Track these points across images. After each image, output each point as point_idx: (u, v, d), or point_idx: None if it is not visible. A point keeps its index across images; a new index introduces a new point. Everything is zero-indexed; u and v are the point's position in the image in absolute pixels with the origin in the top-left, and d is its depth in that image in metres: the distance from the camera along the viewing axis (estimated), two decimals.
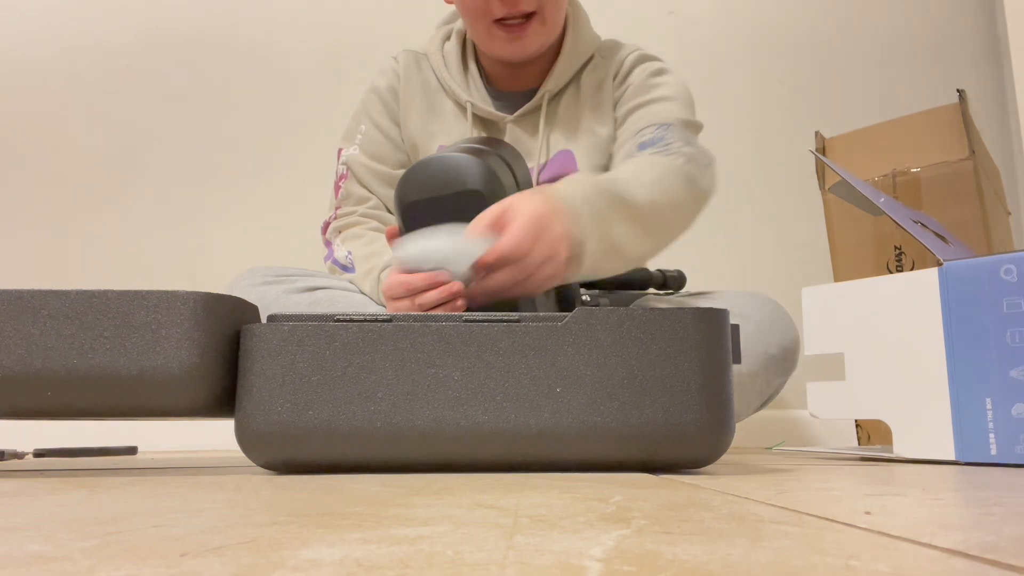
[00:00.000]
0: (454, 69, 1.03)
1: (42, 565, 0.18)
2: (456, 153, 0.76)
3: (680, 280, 1.01)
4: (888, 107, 1.56)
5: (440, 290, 0.78)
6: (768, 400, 0.95)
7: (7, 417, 0.52)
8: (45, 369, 0.50)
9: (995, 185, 1.16)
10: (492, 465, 0.52)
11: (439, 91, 1.04)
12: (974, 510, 0.30)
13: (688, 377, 0.51)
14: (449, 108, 1.03)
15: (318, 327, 0.52)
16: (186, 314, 0.52)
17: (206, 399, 0.52)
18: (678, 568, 0.18)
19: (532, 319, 0.52)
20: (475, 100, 1.00)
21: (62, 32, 1.58)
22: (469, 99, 1.00)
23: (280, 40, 1.61)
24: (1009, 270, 0.64)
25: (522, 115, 1.00)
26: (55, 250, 1.52)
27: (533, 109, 1.00)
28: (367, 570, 0.18)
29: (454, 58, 1.03)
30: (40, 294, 0.51)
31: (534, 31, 0.93)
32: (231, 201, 1.55)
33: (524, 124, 1.01)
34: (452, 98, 1.03)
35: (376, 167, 1.04)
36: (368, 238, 0.99)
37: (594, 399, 0.51)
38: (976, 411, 0.64)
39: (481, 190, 0.74)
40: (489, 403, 0.51)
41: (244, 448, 0.52)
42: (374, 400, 0.51)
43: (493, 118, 1.00)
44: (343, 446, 0.51)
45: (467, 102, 1.00)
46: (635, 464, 0.52)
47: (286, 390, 0.51)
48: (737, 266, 1.55)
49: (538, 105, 1.00)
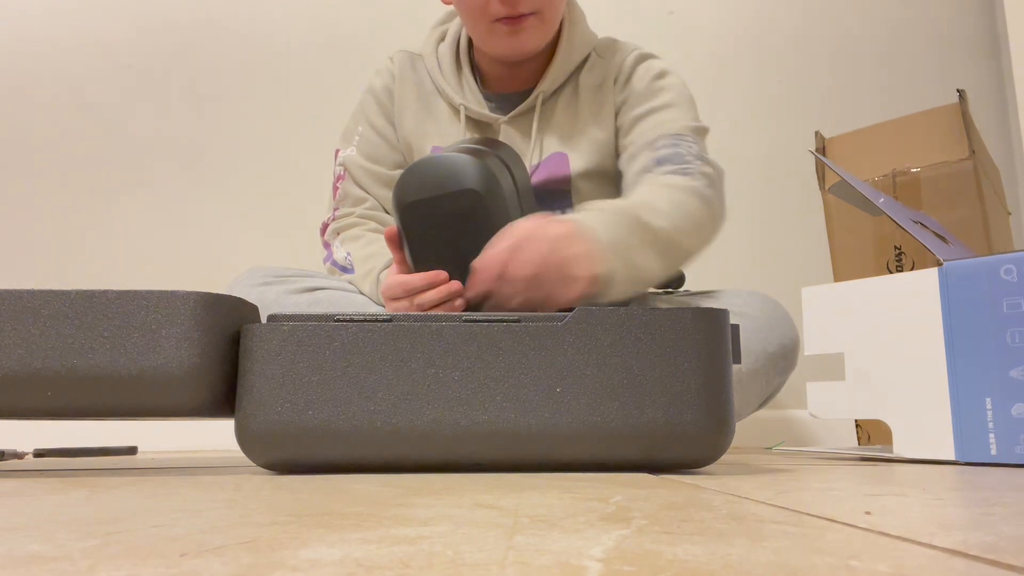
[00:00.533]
0: (448, 71, 1.03)
1: (42, 565, 0.18)
2: (454, 153, 0.76)
3: (679, 279, 1.01)
4: (888, 107, 1.56)
5: (438, 290, 0.78)
6: (768, 399, 0.95)
7: (7, 417, 0.52)
8: (45, 369, 0.50)
9: (995, 185, 1.16)
10: (493, 465, 0.52)
11: (434, 92, 1.04)
12: (974, 510, 0.30)
13: (688, 377, 0.51)
14: (443, 110, 1.03)
15: (318, 327, 0.52)
16: (186, 314, 0.51)
17: (206, 399, 0.52)
18: (678, 568, 0.18)
19: (532, 319, 0.52)
20: (468, 102, 1.00)
21: (62, 32, 1.58)
22: (463, 102, 1.00)
23: (282, 40, 1.61)
24: (1009, 270, 0.64)
25: (516, 116, 1.00)
26: (54, 250, 1.52)
27: (527, 110, 1.00)
28: (367, 570, 0.18)
29: (448, 60, 1.04)
30: (40, 294, 0.51)
31: (533, 27, 0.93)
32: (231, 201, 1.55)
33: (518, 125, 1.00)
34: (446, 100, 1.03)
35: (373, 168, 1.04)
36: (367, 239, 0.99)
37: (594, 399, 0.51)
38: (976, 411, 0.64)
39: (479, 190, 0.74)
40: (489, 403, 0.51)
41: (244, 448, 0.52)
42: (374, 400, 0.51)
43: (487, 120, 1.00)
44: (343, 446, 0.51)
45: (460, 104, 1.00)
46: (635, 464, 0.52)
47: (286, 390, 0.51)
48: (737, 266, 1.55)
49: (532, 106, 0.99)
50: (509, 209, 0.76)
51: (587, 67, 1.02)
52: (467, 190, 0.74)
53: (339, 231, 1.03)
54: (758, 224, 1.57)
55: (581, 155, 0.98)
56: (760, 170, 1.58)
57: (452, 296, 0.79)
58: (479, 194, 0.74)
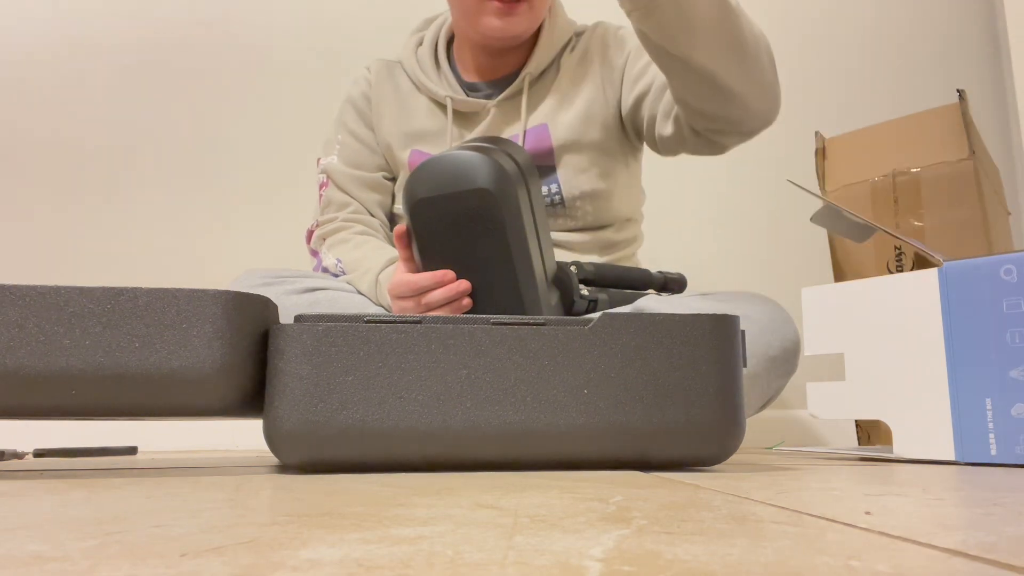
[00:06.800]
0: (428, 69, 1.05)
1: (42, 565, 0.18)
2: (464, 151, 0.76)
3: (681, 283, 1.01)
4: (888, 107, 1.56)
5: (446, 289, 0.78)
6: (768, 403, 0.95)
7: (31, 417, 0.51)
8: (70, 367, 0.49)
9: (995, 185, 1.15)
10: (524, 464, 0.53)
11: (412, 92, 1.06)
12: (974, 510, 0.30)
13: (706, 379, 0.54)
14: (423, 107, 1.04)
15: (350, 327, 0.52)
16: (217, 312, 0.51)
17: (235, 399, 0.52)
18: (678, 568, 0.18)
19: (558, 322, 0.54)
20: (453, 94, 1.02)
21: (62, 32, 1.58)
22: (448, 94, 1.01)
23: (282, 42, 1.61)
24: (1009, 270, 0.64)
25: (504, 100, 1.01)
26: (51, 250, 1.52)
27: (515, 93, 1.01)
28: (367, 570, 0.18)
29: (428, 60, 1.06)
30: (65, 290, 0.50)
31: (523, 13, 0.96)
32: (228, 203, 1.55)
33: (505, 108, 1.02)
34: (427, 94, 1.04)
35: (355, 173, 1.06)
36: (355, 242, 1.00)
37: (619, 400, 0.53)
38: (976, 411, 0.64)
39: (491, 189, 0.74)
40: (521, 404, 0.52)
41: (274, 448, 0.51)
42: (408, 400, 0.51)
43: (474, 108, 1.01)
44: (377, 446, 0.51)
45: (447, 97, 1.01)
46: (656, 462, 0.54)
47: (320, 390, 0.51)
48: (737, 266, 1.55)
49: (519, 89, 1.01)
50: (520, 209, 0.76)
51: (569, 49, 1.05)
52: (479, 189, 0.74)
53: (324, 236, 1.04)
54: (758, 224, 1.57)
55: (565, 126, 0.99)
56: (760, 170, 1.58)
57: (459, 295, 0.79)
58: (491, 193, 0.74)
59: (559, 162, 0.99)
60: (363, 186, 1.05)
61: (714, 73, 0.78)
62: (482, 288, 0.79)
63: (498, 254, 0.77)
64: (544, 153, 0.99)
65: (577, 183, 0.99)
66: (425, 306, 0.79)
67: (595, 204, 1.01)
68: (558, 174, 0.99)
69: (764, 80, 0.82)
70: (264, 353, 0.54)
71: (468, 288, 0.79)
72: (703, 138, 0.90)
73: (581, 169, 0.99)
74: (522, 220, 0.76)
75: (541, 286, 0.79)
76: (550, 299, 0.81)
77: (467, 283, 0.79)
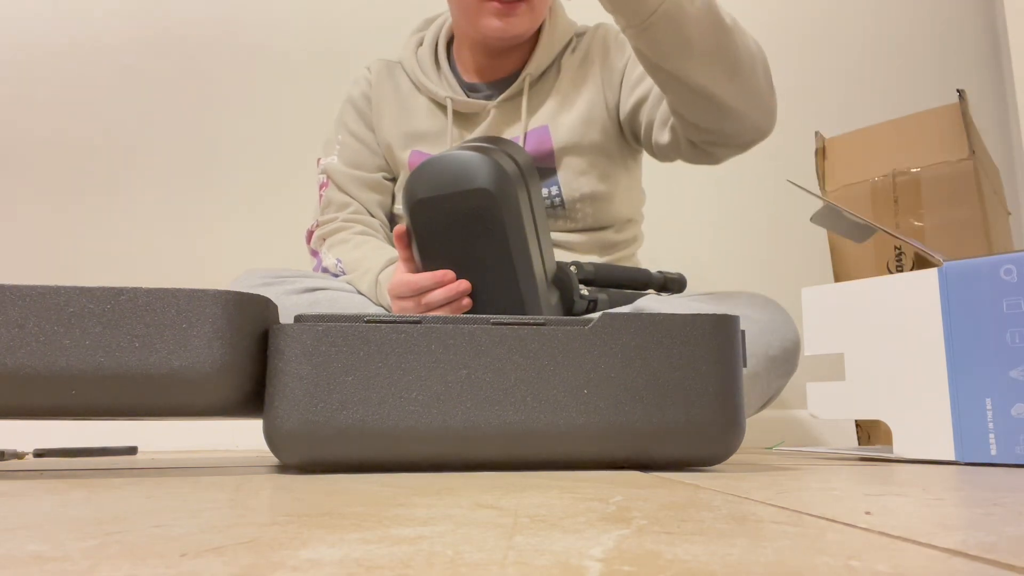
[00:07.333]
0: (428, 70, 1.05)
1: (42, 565, 0.18)
2: (464, 151, 0.76)
3: (681, 283, 1.01)
4: (888, 107, 1.56)
5: (446, 289, 0.78)
6: (768, 403, 0.95)
7: (31, 417, 0.51)
8: (70, 367, 0.49)
9: (995, 185, 1.15)
10: (524, 464, 0.53)
11: (412, 92, 1.06)
12: (974, 510, 0.30)
13: (706, 379, 0.54)
14: (423, 107, 1.04)
15: (350, 327, 0.52)
16: (217, 312, 0.51)
17: (235, 399, 0.52)
18: (678, 568, 0.18)
19: (558, 322, 0.54)
20: (453, 95, 1.02)
21: (62, 32, 1.58)
22: (448, 95, 1.01)
23: (282, 42, 1.60)
24: (1009, 270, 0.64)
25: (504, 100, 1.01)
26: (50, 250, 1.52)
27: (516, 93, 1.01)
28: (367, 570, 0.18)
29: (428, 60, 1.06)
30: (65, 290, 0.50)
31: (523, 13, 0.96)
32: (228, 203, 1.55)
33: (505, 109, 1.02)
34: (428, 96, 1.04)
35: (355, 173, 1.05)
36: (354, 242, 1.00)
37: (620, 400, 0.53)
38: (976, 411, 0.64)
39: (491, 189, 0.74)
40: (521, 404, 0.52)
41: (274, 448, 0.51)
42: (408, 400, 0.51)
43: (475, 108, 1.01)
44: (378, 446, 0.51)
45: (447, 98, 1.01)
46: (656, 462, 0.54)
47: (320, 390, 0.51)
48: (737, 266, 1.55)
49: (520, 90, 1.01)
50: (520, 209, 0.76)
51: (569, 50, 1.04)
52: (479, 189, 0.74)
53: (324, 237, 1.04)
54: (758, 224, 1.57)
55: (566, 128, 0.99)
56: (760, 170, 1.58)
57: (459, 295, 0.79)
58: (491, 193, 0.74)
59: (559, 164, 0.99)
60: (363, 186, 1.05)
61: (709, 89, 0.78)
62: (482, 288, 0.79)
63: (498, 254, 0.77)
64: (545, 155, 0.99)
65: (577, 186, 0.99)
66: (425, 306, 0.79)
67: (595, 206, 1.01)
68: (558, 176, 0.99)
69: (759, 95, 0.82)
70: (264, 353, 0.54)
71: (468, 288, 0.79)
72: (699, 149, 0.91)
73: (581, 171, 0.99)
74: (522, 220, 0.76)
75: (541, 286, 0.79)
76: (550, 299, 0.81)
77: (467, 283, 0.78)
